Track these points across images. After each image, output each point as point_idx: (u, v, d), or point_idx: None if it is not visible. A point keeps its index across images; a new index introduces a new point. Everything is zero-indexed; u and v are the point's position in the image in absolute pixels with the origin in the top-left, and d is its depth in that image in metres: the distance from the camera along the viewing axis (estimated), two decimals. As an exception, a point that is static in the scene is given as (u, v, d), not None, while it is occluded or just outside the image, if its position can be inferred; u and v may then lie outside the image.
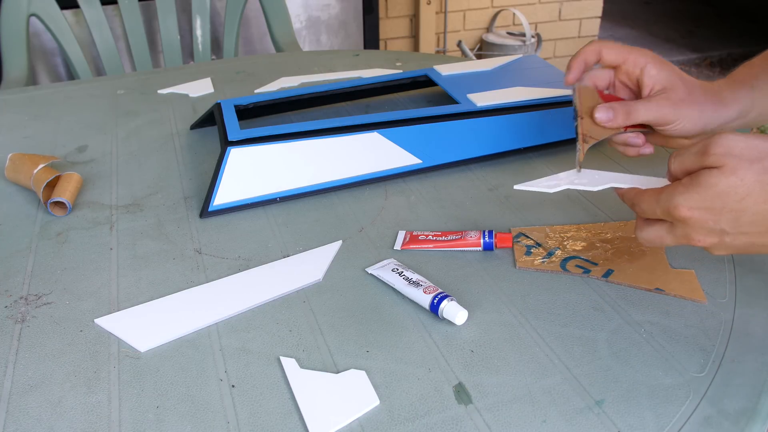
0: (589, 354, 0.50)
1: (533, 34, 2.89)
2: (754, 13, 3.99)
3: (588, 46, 0.61)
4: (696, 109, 0.58)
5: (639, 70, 0.59)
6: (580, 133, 0.58)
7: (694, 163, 0.45)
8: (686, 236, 0.46)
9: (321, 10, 2.07)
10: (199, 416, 0.46)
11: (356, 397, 0.46)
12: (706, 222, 0.45)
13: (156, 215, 0.70)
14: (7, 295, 0.59)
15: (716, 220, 0.44)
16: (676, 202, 0.45)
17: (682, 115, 0.57)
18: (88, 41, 1.43)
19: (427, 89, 0.99)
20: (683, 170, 0.47)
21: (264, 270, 0.61)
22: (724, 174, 0.43)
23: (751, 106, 0.59)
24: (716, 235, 0.45)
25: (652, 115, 0.58)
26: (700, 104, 0.58)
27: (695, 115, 0.58)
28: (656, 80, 0.59)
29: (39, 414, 0.46)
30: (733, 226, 0.44)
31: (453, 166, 0.77)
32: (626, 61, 0.60)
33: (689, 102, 0.58)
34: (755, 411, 0.44)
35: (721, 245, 0.46)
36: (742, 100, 0.59)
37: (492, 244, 0.61)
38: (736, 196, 0.43)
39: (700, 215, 0.45)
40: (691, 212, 0.45)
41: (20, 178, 0.75)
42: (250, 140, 0.70)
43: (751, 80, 0.60)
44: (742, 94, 0.59)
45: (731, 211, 0.44)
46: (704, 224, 0.45)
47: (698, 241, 0.46)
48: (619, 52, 0.60)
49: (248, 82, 1.07)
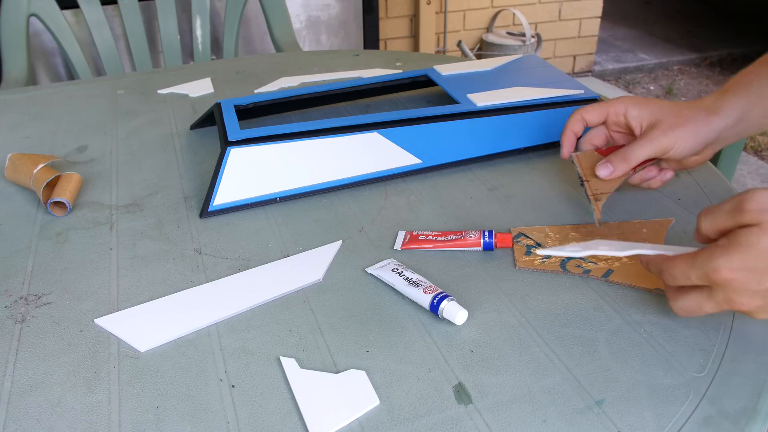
0: (589, 354, 0.50)
1: (533, 34, 2.89)
2: (753, 13, 3.99)
3: (571, 118, 0.65)
4: (689, 128, 0.59)
5: (622, 116, 0.63)
6: (591, 194, 0.61)
7: (728, 221, 0.44)
8: (728, 300, 0.44)
9: (321, 10, 2.07)
10: (199, 416, 0.46)
11: (356, 397, 0.46)
12: (750, 284, 0.43)
13: (156, 215, 0.70)
14: (7, 295, 0.59)
15: (759, 281, 0.42)
16: (716, 264, 0.43)
17: (676, 138, 0.59)
18: (88, 41, 1.43)
19: (427, 89, 0.99)
20: (716, 230, 0.45)
21: (264, 270, 0.61)
22: (764, 232, 0.42)
23: (747, 111, 0.60)
24: (761, 297, 0.43)
25: (649, 151, 0.60)
26: (691, 122, 0.60)
27: (690, 133, 0.59)
28: (641, 118, 0.62)
29: (39, 414, 0.46)
30: None
31: (453, 166, 0.77)
32: (608, 114, 0.64)
33: (679, 124, 0.59)
34: (755, 411, 0.44)
35: (766, 307, 0.44)
36: (736, 106, 0.60)
37: (492, 244, 0.61)
38: None
39: (743, 276, 0.43)
40: (733, 274, 0.43)
41: (20, 178, 0.75)
42: (250, 140, 0.70)
43: (744, 87, 0.61)
44: (735, 101, 0.60)
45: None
46: (748, 286, 0.43)
47: (742, 305, 0.44)
48: (599, 110, 0.64)
49: (248, 82, 1.07)
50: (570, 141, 0.65)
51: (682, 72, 3.42)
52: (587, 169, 0.63)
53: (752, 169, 2.46)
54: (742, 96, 0.60)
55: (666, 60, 3.48)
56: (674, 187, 0.71)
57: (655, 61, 3.46)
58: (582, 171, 0.63)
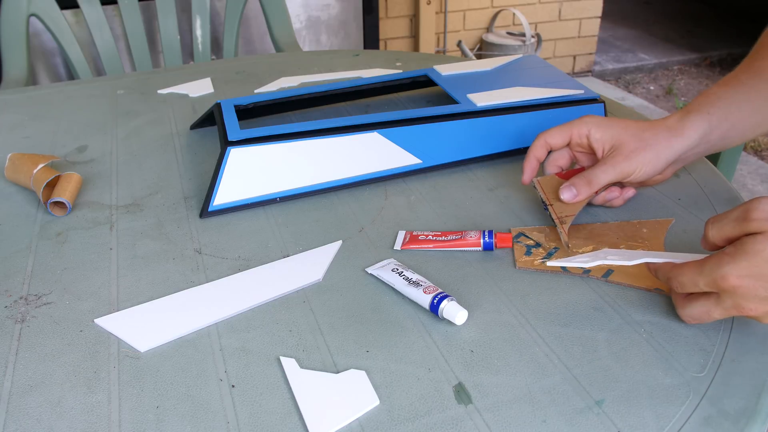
0: (589, 354, 0.50)
1: (533, 34, 2.89)
2: (753, 13, 3.99)
3: (535, 143, 0.66)
4: (651, 151, 0.60)
5: (585, 138, 0.63)
6: (556, 218, 0.62)
7: (735, 229, 0.45)
8: (737, 306, 0.45)
9: (321, 10, 2.07)
10: (199, 416, 0.46)
11: (356, 397, 0.46)
12: (757, 290, 0.44)
13: (156, 215, 0.70)
14: (7, 295, 0.59)
15: (767, 287, 0.43)
16: (723, 272, 0.44)
17: (639, 162, 0.60)
18: (88, 41, 1.43)
19: (427, 89, 0.99)
20: (723, 238, 0.46)
21: (264, 270, 0.61)
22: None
23: (708, 132, 0.61)
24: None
25: (612, 175, 0.61)
26: (652, 145, 0.60)
27: (652, 156, 0.60)
28: (603, 141, 0.62)
29: (39, 414, 0.46)
30: None
31: (453, 166, 0.77)
32: (571, 137, 0.64)
33: (641, 148, 0.60)
34: (755, 411, 0.44)
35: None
36: (698, 127, 0.61)
37: (492, 244, 0.61)
38: None
39: (750, 283, 0.44)
40: (741, 281, 0.44)
41: (20, 178, 0.75)
42: (250, 140, 0.70)
43: (706, 108, 0.62)
44: (698, 122, 0.61)
45: None
46: (755, 292, 0.44)
47: (750, 311, 0.45)
48: (562, 133, 0.65)
49: (248, 82, 1.07)
50: (532, 167, 0.66)
51: (682, 72, 3.42)
52: (550, 193, 0.64)
53: (752, 169, 2.46)
54: (704, 117, 0.61)
55: (666, 60, 3.48)
56: (674, 187, 0.71)
57: (655, 61, 3.47)
58: (545, 195, 0.64)
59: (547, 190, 0.64)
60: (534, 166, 0.66)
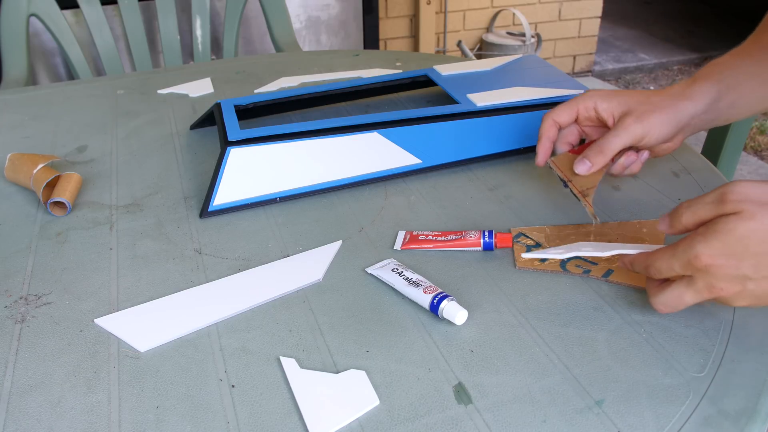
0: (588, 354, 0.50)
1: (533, 34, 2.89)
2: (754, 13, 3.99)
3: (544, 124, 0.65)
4: (661, 114, 0.60)
5: (592, 110, 0.63)
6: (577, 193, 0.61)
7: (710, 212, 0.45)
8: (708, 286, 0.45)
9: (321, 10, 2.07)
10: (199, 416, 0.46)
11: (356, 397, 0.46)
12: (728, 269, 0.44)
13: (156, 215, 0.70)
14: (7, 295, 0.59)
15: (738, 266, 0.44)
16: (696, 251, 0.44)
17: (650, 124, 0.60)
18: (88, 41, 1.43)
19: (427, 89, 0.99)
20: (697, 221, 0.46)
21: (264, 270, 0.61)
22: (743, 219, 0.43)
23: (717, 98, 0.61)
24: (739, 282, 0.44)
25: (625, 139, 0.60)
26: (662, 108, 0.60)
27: (663, 118, 0.60)
28: (612, 109, 0.62)
29: (39, 414, 0.46)
30: (756, 271, 0.44)
31: (453, 166, 0.77)
32: (578, 112, 0.64)
33: (651, 111, 0.60)
34: (755, 411, 0.44)
35: (743, 293, 0.45)
36: (707, 92, 0.61)
37: (492, 244, 0.61)
38: (757, 240, 0.43)
39: (723, 262, 0.44)
40: (713, 260, 0.44)
41: (20, 178, 0.75)
42: (249, 140, 0.70)
43: (715, 75, 0.62)
44: (707, 88, 0.61)
45: (753, 255, 0.43)
46: (726, 271, 0.44)
47: (721, 290, 0.45)
48: (568, 109, 0.64)
49: (248, 82, 1.07)
50: (546, 148, 0.65)
51: (682, 72, 3.42)
52: (566, 170, 0.63)
53: (752, 169, 2.46)
54: (713, 84, 0.61)
55: (666, 60, 3.48)
56: (674, 187, 0.71)
57: (655, 61, 3.46)
58: (562, 173, 0.64)
59: (563, 167, 0.64)
60: (547, 147, 0.65)
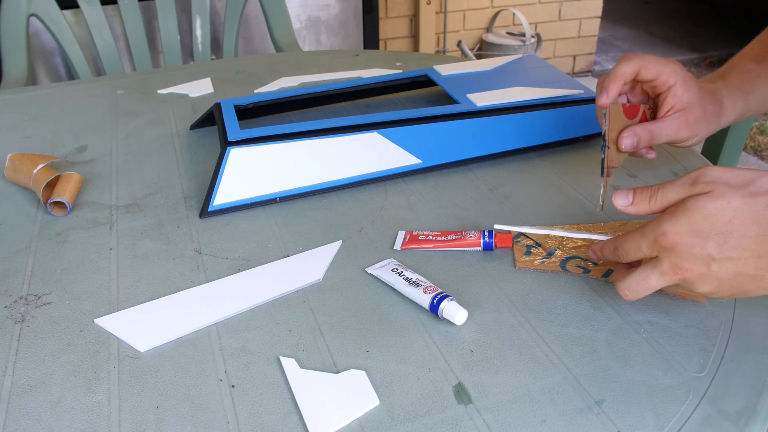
0: (588, 354, 0.50)
1: (533, 34, 2.89)
2: (754, 13, 3.99)
3: (626, 65, 0.59)
4: (705, 125, 0.60)
5: (666, 88, 0.60)
6: (607, 166, 0.58)
7: (680, 193, 0.46)
8: (673, 267, 0.45)
9: (321, 10, 2.07)
10: (199, 416, 0.46)
11: (356, 397, 0.46)
12: (694, 247, 0.44)
13: (156, 215, 0.70)
14: (7, 295, 0.59)
15: (703, 245, 0.44)
16: (663, 228, 0.45)
17: (695, 132, 0.60)
18: (88, 41, 1.42)
19: (427, 89, 0.99)
20: (666, 204, 0.47)
21: (264, 270, 0.61)
22: (711, 198, 0.44)
23: (743, 112, 0.62)
24: (703, 263, 0.45)
25: (674, 136, 0.60)
26: (708, 119, 0.60)
27: (704, 130, 0.60)
28: (679, 101, 0.60)
29: (39, 414, 0.46)
30: (720, 251, 0.44)
31: (453, 166, 0.77)
32: (658, 78, 0.59)
33: (701, 119, 0.60)
34: (755, 411, 0.44)
35: (708, 276, 0.45)
36: (738, 107, 0.62)
37: (492, 244, 0.61)
38: (723, 218, 0.44)
39: (688, 240, 0.44)
40: (680, 237, 0.44)
41: (20, 178, 0.75)
42: (249, 140, 0.70)
43: (747, 87, 0.62)
44: (739, 102, 0.62)
45: (718, 234, 0.44)
46: (692, 250, 0.44)
47: (686, 271, 0.45)
48: (655, 68, 0.59)
49: (248, 82, 1.07)
50: (618, 88, 0.59)
51: (682, 72, 3.42)
52: (613, 132, 0.59)
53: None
54: (743, 97, 0.62)
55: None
56: (674, 187, 0.71)
57: (655, 61, 3.46)
58: (609, 131, 0.58)
59: (612, 125, 0.59)
60: (619, 88, 0.59)
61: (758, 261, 0.44)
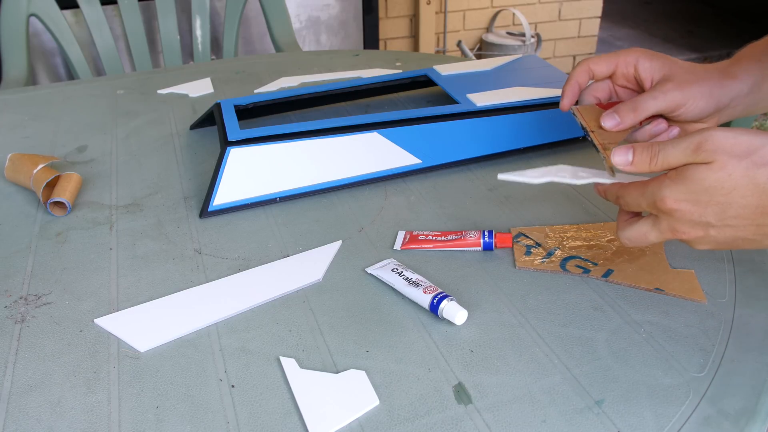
0: (588, 354, 0.50)
1: (533, 34, 2.89)
2: (753, 13, 3.99)
3: (578, 68, 0.60)
4: (704, 87, 0.56)
5: (632, 67, 0.58)
6: (598, 144, 0.57)
7: (682, 158, 0.45)
8: (671, 229, 0.47)
9: (321, 10, 2.07)
10: (198, 416, 0.46)
11: (356, 397, 0.46)
12: (692, 214, 0.45)
13: (156, 215, 0.70)
14: (7, 295, 0.59)
15: (702, 213, 0.45)
16: (663, 194, 0.45)
17: (691, 95, 0.55)
18: (87, 41, 1.42)
19: (427, 89, 0.99)
20: (666, 165, 0.46)
21: (264, 270, 0.61)
22: (712, 170, 0.44)
23: (761, 79, 0.57)
24: (701, 228, 0.46)
25: (662, 104, 0.56)
26: (706, 81, 0.56)
27: (705, 92, 0.56)
28: (653, 70, 0.57)
29: (39, 414, 0.46)
30: (719, 219, 0.45)
31: (453, 166, 0.77)
32: (617, 66, 0.59)
33: (694, 81, 0.56)
34: (755, 411, 0.44)
35: (705, 238, 0.46)
36: (752, 73, 0.57)
37: (492, 244, 0.61)
38: (723, 190, 0.44)
39: (687, 207, 0.45)
40: (678, 204, 0.45)
41: (20, 178, 0.75)
42: (249, 140, 0.70)
43: (758, 56, 0.57)
44: (752, 68, 0.57)
45: (717, 204, 0.44)
46: (690, 217, 0.45)
47: (683, 233, 0.46)
48: (608, 61, 0.59)
49: (248, 82, 1.07)
50: (573, 92, 0.60)
51: (682, 72, 3.42)
52: (591, 121, 0.58)
53: (752, 169, 2.46)
54: (756, 64, 0.57)
55: (666, 60, 3.48)
56: (674, 187, 0.71)
57: (655, 61, 3.46)
58: (585, 123, 0.58)
59: (587, 118, 0.59)
60: (575, 92, 0.60)
61: (757, 228, 0.45)
